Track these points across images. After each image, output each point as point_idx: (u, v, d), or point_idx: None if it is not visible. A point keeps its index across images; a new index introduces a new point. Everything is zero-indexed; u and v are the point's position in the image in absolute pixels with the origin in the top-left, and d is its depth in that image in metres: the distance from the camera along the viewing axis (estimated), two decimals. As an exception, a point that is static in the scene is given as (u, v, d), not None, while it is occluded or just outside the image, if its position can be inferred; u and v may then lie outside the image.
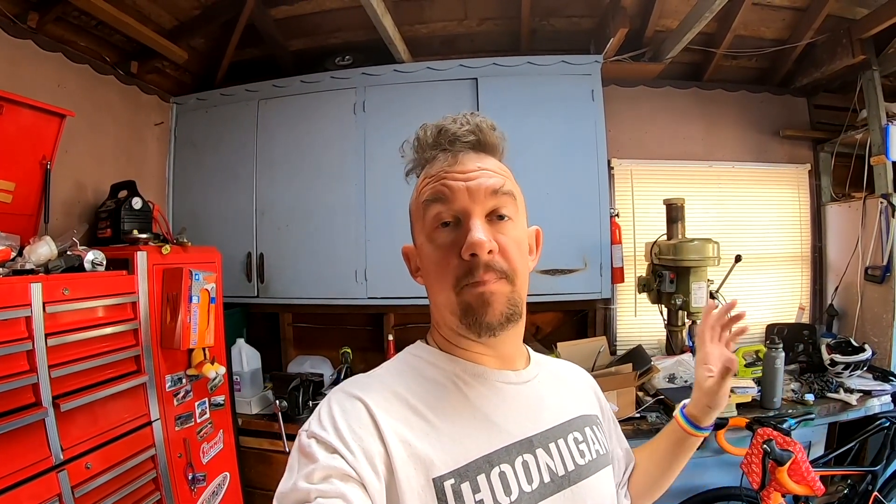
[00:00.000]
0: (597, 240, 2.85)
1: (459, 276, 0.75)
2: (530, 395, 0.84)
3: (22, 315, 1.65)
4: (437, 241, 0.78)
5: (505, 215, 0.79)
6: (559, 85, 2.90)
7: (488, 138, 0.82)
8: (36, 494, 1.63)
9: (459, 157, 0.80)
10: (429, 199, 0.79)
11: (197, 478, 2.27)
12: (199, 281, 2.22)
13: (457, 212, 0.77)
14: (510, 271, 0.76)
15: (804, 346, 2.97)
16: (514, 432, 0.77)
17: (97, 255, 2.01)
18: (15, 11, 2.28)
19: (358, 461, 0.65)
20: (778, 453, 2.05)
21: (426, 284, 0.84)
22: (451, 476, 0.69)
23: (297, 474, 0.65)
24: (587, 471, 0.81)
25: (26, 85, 2.20)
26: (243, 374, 2.84)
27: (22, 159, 2.08)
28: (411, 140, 0.86)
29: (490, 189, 0.77)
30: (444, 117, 0.83)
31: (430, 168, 0.82)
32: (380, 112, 2.96)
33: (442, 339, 0.85)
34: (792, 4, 2.95)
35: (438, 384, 0.79)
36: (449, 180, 0.77)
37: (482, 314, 0.74)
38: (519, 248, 0.79)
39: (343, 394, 0.75)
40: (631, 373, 2.50)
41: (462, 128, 0.80)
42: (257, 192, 3.09)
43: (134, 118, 3.00)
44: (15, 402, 1.61)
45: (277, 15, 3.05)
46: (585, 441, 0.84)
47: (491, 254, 0.74)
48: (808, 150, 3.47)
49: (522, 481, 0.73)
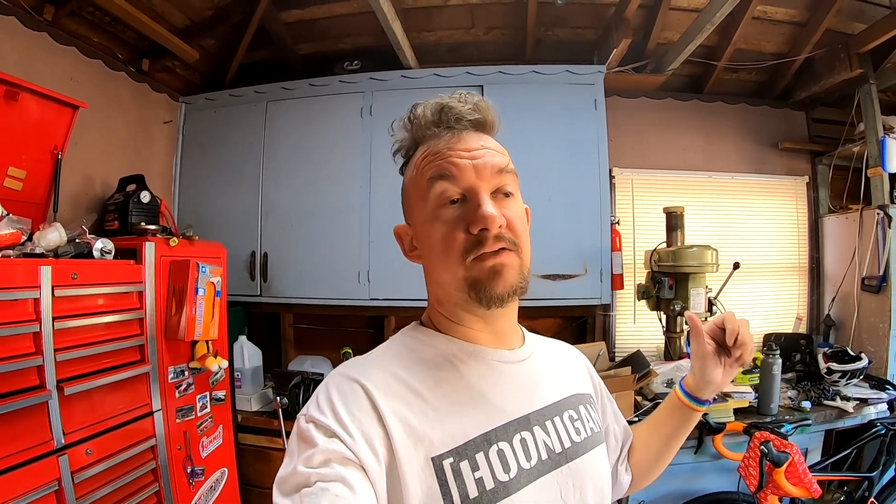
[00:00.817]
0: (597, 246, 2.87)
1: (468, 248, 0.75)
2: (526, 374, 0.85)
3: (30, 297, 1.66)
4: (442, 217, 0.78)
5: (510, 192, 0.80)
6: (562, 94, 2.94)
7: (489, 117, 0.83)
8: (36, 477, 1.63)
9: (463, 136, 0.80)
10: (434, 175, 0.78)
11: (196, 471, 2.26)
12: (206, 274, 2.24)
13: (464, 189, 0.77)
14: (518, 243, 0.77)
15: (801, 355, 2.98)
16: (512, 410, 0.77)
17: (106, 244, 2.02)
18: (31, 3, 2.32)
19: (357, 444, 0.66)
20: (775, 455, 2.06)
21: (425, 262, 0.85)
22: (450, 455, 0.69)
23: (297, 459, 0.65)
24: (583, 448, 0.82)
25: (39, 77, 2.20)
26: (244, 371, 2.84)
27: (33, 148, 2.11)
28: (402, 119, 0.86)
29: (496, 167, 0.78)
30: (441, 96, 0.83)
31: (431, 146, 0.81)
32: (386, 116, 2.95)
33: (440, 316, 0.85)
34: (791, 19, 3.01)
35: (435, 364, 0.79)
36: (455, 158, 0.78)
37: (493, 286, 0.75)
38: (522, 222, 0.81)
39: (341, 377, 0.75)
40: (629, 376, 2.51)
41: (465, 106, 0.81)
42: (263, 192, 3.11)
43: (143, 115, 3.04)
44: (20, 383, 1.62)
45: (288, 19, 3.10)
46: (580, 419, 0.85)
47: (501, 228, 0.75)
48: (807, 162, 3.52)
49: (521, 458, 0.74)
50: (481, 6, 3.06)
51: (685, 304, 2.75)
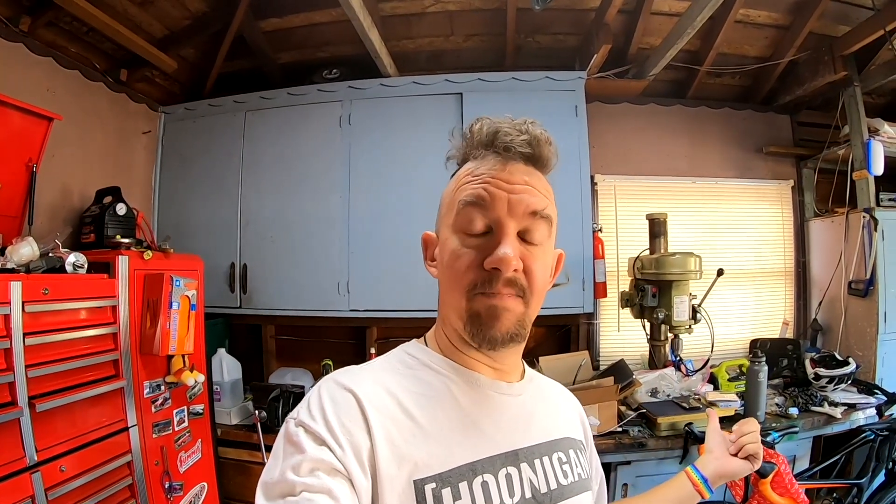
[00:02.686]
0: (579, 255, 2.86)
1: (476, 282, 0.73)
2: (521, 409, 0.83)
3: (0, 313, 1.64)
4: (463, 243, 0.76)
5: (537, 240, 0.77)
6: (543, 100, 2.94)
7: (543, 152, 0.79)
8: (9, 495, 1.60)
9: (508, 165, 0.77)
10: (467, 200, 0.76)
11: (174, 486, 2.24)
12: (180, 287, 2.21)
13: (492, 220, 0.75)
14: (528, 292, 0.75)
15: (788, 360, 2.96)
16: (501, 443, 0.76)
17: (78, 258, 2.00)
18: (7, 14, 2.30)
19: (346, 455, 0.65)
20: (761, 465, 2.03)
21: (440, 277, 0.83)
22: (433, 480, 0.68)
23: (283, 463, 0.64)
24: (569, 492, 0.80)
25: (16, 88, 2.19)
26: (223, 384, 2.82)
27: (8, 160, 2.09)
28: (464, 129, 0.83)
29: (531, 209, 0.75)
30: (505, 116, 0.80)
31: (476, 166, 0.79)
32: (365, 125, 2.99)
33: (444, 338, 0.84)
34: (774, 22, 3.01)
35: (431, 386, 0.78)
36: (493, 187, 0.75)
37: (489, 326, 0.73)
38: (544, 271, 0.78)
39: (334, 384, 0.74)
40: (612, 386, 2.50)
41: (520, 136, 0.77)
42: (242, 203, 3.10)
43: (122, 126, 3.02)
44: (-10, 400, 1.60)
45: (267, 28, 3.09)
46: (569, 462, 0.83)
47: (515, 272, 0.73)
48: (792, 166, 3.51)
49: (504, 494, 0.72)
50: (461, 13, 3.05)
51: (669, 311, 2.73)
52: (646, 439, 2.40)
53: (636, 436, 2.42)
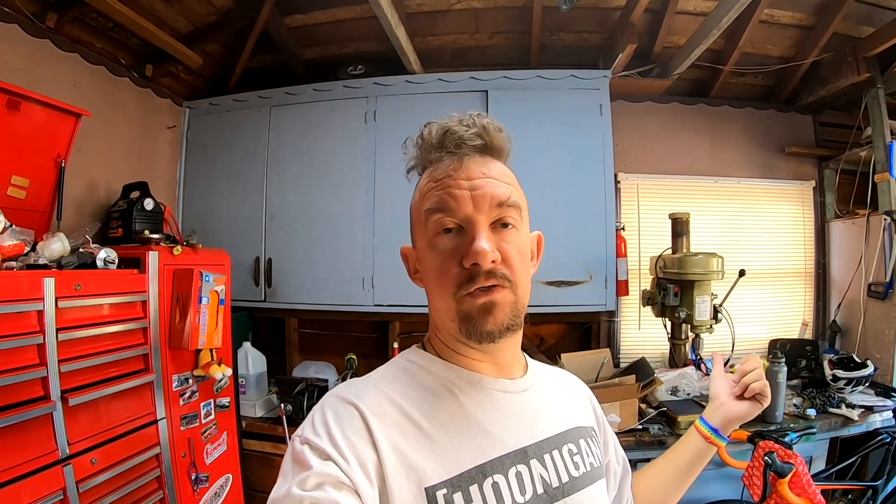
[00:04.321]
0: (602, 252, 2.87)
1: (461, 283, 0.74)
2: (526, 405, 0.83)
3: (34, 308, 1.67)
4: (438, 247, 0.77)
5: (509, 223, 0.78)
6: (568, 99, 2.93)
7: (495, 141, 0.80)
8: (41, 487, 1.64)
9: (465, 162, 0.78)
10: (433, 207, 0.77)
11: (200, 478, 2.27)
12: (209, 282, 2.24)
13: (461, 220, 0.76)
14: (513, 279, 0.76)
15: (806, 361, 2.97)
16: (509, 442, 0.76)
17: (109, 254, 2.02)
18: (34, 11, 2.32)
19: (352, 468, 0.65)
20: (779, 465, 2.04)
21: (425, 288, 0.84)
22: (444, 486, 0.68)
23: (291, 480, 0.64)
24: (581, 483, 0.80)
25: (43, 84, 2.22)
26: (248, 377, 2.85)
27: (36, 156, 2.11)
28: (415, 137, 0.84)
29: (496, 200, 0.76)
30: (451, 116, 0.81)
31: (434, 171, 0.80)
32: (390, 121, 2.99)
33: (440, 343, 0.84)
34: (798, 23, 2.99)
35: (434, 391, 0.78)
36: (454, 189, 0.76)
37: (483, 323, 0.74)
38: (521, 256, 0.79)
39: (337, 399, 0.74)
40: (634, 384, 2.50)
41: (469, 130, 0.78)
42: (267, 198, 3.11)
43: (147, 121, 3.04)
44: (24, 394, 1.63)
45: (292, 24, 3.10)
46: (580, 453, 0.83)
47: (494, 263, 0.74)
48: (813, 167, 3.49)
49: (515, 492, 0.72)
50: (486, 11, 3.05)
51: (690, 311, 2.74)
52: (666, 437, 2.41)
53: (656, 433, 2.43)
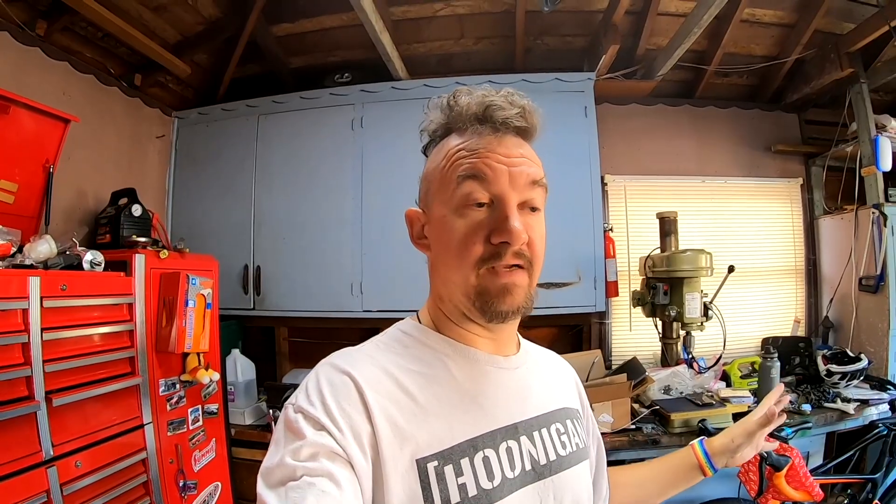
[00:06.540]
0: (591, 254, 2.88)
1: (484, 257, 0.73)
2: (518, 382, 0.83)
3: (19, 307, 1.67)
4: (466, 217, 0.75)
5: (537, 207, 0.78)
6: (553, 102, 2.94)
7: (535, 123, 0.80)
8: (25, 488, 1.62)
9: (504, 140, 0.77)
10: (466, 174, 0.75)
11: (188, 485, 2.25)
12: (196, 285, 2.23)
13: (494, 194, 0.75)
14: (532, 263, 0.76)
15: (800, 358, 2.96)
16: (500, 417, 0.76)
17: (96, 256, 2.03)
18: (24, 18, 2.34)
19: (346, 439, 0.65)
20: (775, 459, 2.02)
21: (434, 255, 0.82)
22: (435, 458, 0.68)
23: (284, 449, 0.64)
24: (567, 462, 0.81)
25: (32, 91, 2.22)
26: (237, 384, 2.83)
27: (25, 161, 2.12)
28: (440, 101, 0.82)
29: (531, 178, 0.76)
30: (488, 90, 0.79)
31: (469, 141, 0.77)
32: (377, 128, 3.02)
33: (440, 314, 0.83)
34: (780, 21, 3.03)
35: (428, 364, 0.78)
36: (493, 161, 0.74)
37: (500, 303, 0.74)
38: (543, 241, 0.79)
39: (331, 367, 0.74)
40: (625, 383, 2.49)
41: (513, 110, 0.76)
42: (255, 206, 3.13)
43: (136, 130, 3.06)
44: (8, 394, 1.61)
45: (279, 32, 3.13)
46: (567, 433, 0.84)
47: (522, 245, 0.74)
48: (800, 164, 3.51)
49: (506, 467, 0.73)
50: (470, 17, 3.09)
51: (680, 308, 2.73)
52: (659, 436, 2.38)
53: (650, 433, 2.41)
